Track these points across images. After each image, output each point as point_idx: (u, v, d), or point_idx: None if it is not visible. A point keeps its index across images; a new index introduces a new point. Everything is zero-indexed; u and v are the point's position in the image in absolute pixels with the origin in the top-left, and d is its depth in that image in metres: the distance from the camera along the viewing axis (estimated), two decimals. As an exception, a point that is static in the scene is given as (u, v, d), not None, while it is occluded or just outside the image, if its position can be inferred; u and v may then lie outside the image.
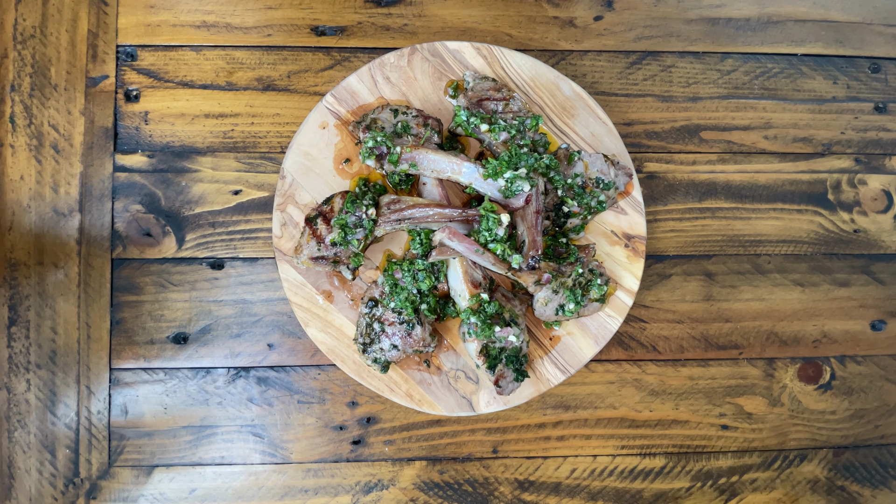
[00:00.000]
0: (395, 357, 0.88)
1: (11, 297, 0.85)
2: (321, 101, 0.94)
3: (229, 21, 0.91)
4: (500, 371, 0.85)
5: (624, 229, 0.96)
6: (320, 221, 0.86)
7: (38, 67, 0.84)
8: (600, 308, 0.92)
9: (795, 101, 0.91)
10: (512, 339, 0.84)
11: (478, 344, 0.84)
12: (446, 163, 0.82)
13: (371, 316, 0.88)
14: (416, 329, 0.86)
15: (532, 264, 0.77)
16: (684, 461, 0.91)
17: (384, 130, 0.86)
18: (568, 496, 0.91)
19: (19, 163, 0.84)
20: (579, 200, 0.87)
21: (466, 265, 0.84)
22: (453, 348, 0.93)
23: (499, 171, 0.78)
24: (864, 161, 0.93)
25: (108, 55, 0.86)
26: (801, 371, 0.90)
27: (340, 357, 0.93)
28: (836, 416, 0.90)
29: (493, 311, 0.83)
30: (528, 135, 0.87)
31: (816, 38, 0.91)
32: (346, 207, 0.84)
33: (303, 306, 0.93)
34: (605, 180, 0.90)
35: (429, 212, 0.82)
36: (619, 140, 0.96)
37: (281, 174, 0.92)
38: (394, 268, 0.87)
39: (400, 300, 0.85)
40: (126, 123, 0.88)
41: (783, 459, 0.89)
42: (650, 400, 0.92)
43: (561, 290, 0.85)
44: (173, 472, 0.85)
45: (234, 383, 0.90)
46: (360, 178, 0.92)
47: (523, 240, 0.79)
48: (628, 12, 0.94)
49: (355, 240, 0.84)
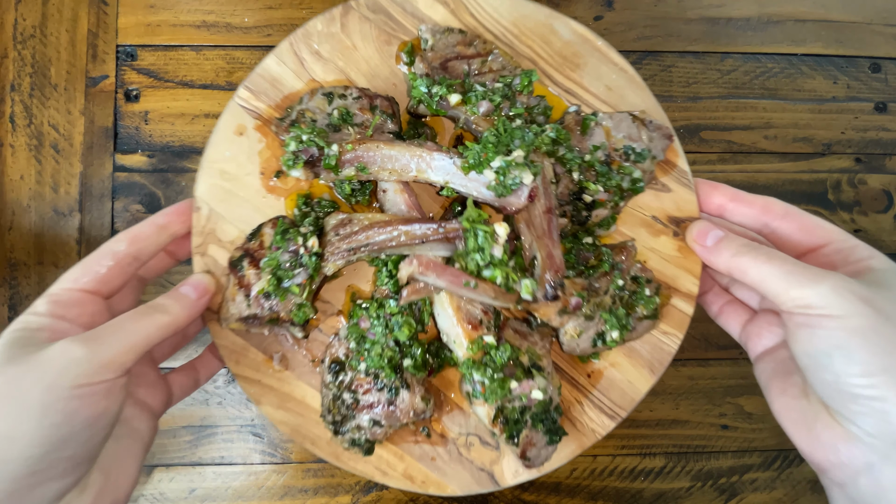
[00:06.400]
0: (380, 435, 0.62)
1: (11, 297, 0.84)
2: (232, 99, 0.67)
3: (229, 21, 0.89)
4: (526, 439, 0.58)
5: (669, 212, 0.67)
6: (247, 265, 0.60)
7: (38, 67, 0.84)
8: (653, 326, 0.65)
9: (795, 101, 0.90)
10: (537, 395, 0.57)
11: (489, 408, 0.57)
12: (407, 157, 0.55)
13: (338, 385, 0.61)
14: (401, 395, 0.59)
15: (552, 291, 0.50)
16: (684, 461, 0.89)
17: (315, 124, 0.59)
18: (568, 496, 0.89)
19: (19, 163, 0.83)
20: (605, 183, 0.59)
21: (457, 297, 0.56)
22: (459, 406, 0.67)
23: (484, 159, 0.50)
24: (864, 161, 0.92)
25: (108, 55, 0.85)
26: None
27: (310, 438, 0.67)
28: None
29: (505, 357, 0.56)
30: (519, 100, 0.58)
31: (816, 38, 0.91)
32: (276, 242, 0.57)
33: (250, 378, 0.66)
34: (637, 148, 0.61)
35: (392, 232, 0.54)
36: (646, 89, 0.67)
37: (194, 206, 0.66)
38: (359, 314, 0.60)
39: (372, 359, 0.58)
40: (126, 123, 0.88)
41: (783, 459, 0.88)
42: (650, 400, 0.90)
43: (597, 314, 0.57)
44: (173, 472, 0.84)
45: (234, 383, 0.87)
46: (299, 195, 0.65)
47: (534, 255, 0.51)
48: (628, 12, 0.92)
49: (295, 286, 0.57)
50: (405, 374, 0.60)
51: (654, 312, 0.62)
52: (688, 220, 0.67)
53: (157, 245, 0.60)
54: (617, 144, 0.61)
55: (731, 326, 0.67)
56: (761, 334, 0.62)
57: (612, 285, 0.57)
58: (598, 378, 0.68)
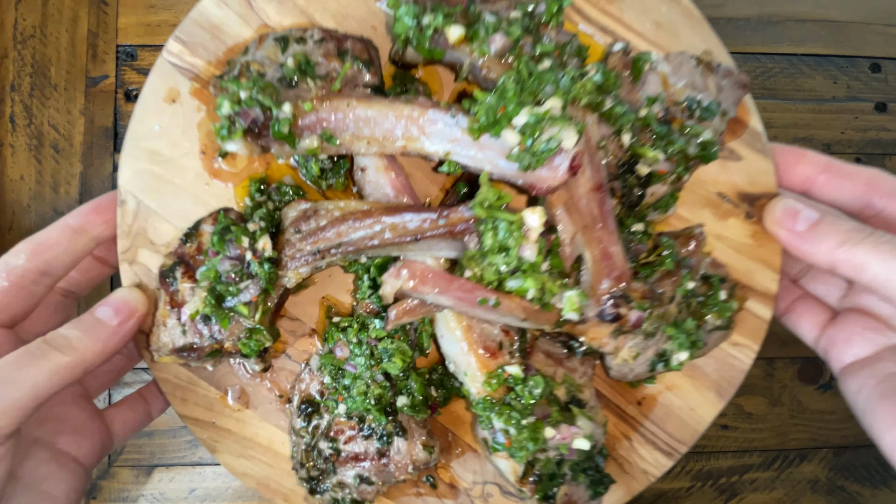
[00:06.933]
0: (371, 494, 0.46)
1: (11, 298, 0.82)
2: (160, 56, 0.50)
3: (230, 20, 0.85)
4: (564, 498, 0.43)
5: (740, 186, 0.51)
6: (180, 276, 0.44)
7: (38, 67, 0.84)
8: (725, 338, 0.49)
9: (795, 101, 0.90)
10: (581, 445, 0.41)
11: (515, 465, 0.41)
12: (391, 119, 0.38)
13: (312, 431, 0.46)
14: (395, 444, 0.44)
15: (611, 309, 0.34)
16: (684, 461, 0.87)
17: (264, 79, 0.42)
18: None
19: (19, 163, 0.84)
20: (667, 148, 0.43)
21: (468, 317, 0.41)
22: (472, 448, 0.51)
23: (503, 115, 0.34)
24: (864, 161, 0.91)
25: (108, 55, 0.85)
26: (801, 371, 0.88)
27: (281, 493, 0.52)
28: (836, 416, 0.88)
29: (537, 395, 0.40)
30: (546, 35, 0.41)
31: (816, 38, 0.91)
32: (213, 245, 0.41)
33: (202, 420, 0.51)
34: (704, 101, 0.45)
35: (373, 226, 0.38)
36: (705, 24, 0.51)
37: (119, 198, 0.50)
38: (335, 338, 0.44)
39: (354, 400, 0.43)
40: (126, 123, 0.86)
41: (783, 459, 0.88)
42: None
43: (660, 331, 0.41)
44: (173, 472, 0.84)
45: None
46: (253, 179, 0.49)
47: (579, 254, 0.35)
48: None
49: (241, 305, 0.41)
50: (400, 417, 0.44)
51: (729, 322, 0.47)
52: (764, 196, 0.51)
53: (73, 254, 0.46)
54: (677, 96, 0.44)
55: (804, 329, 0.52)
56: (850, 340, 0.49)
57: (678, 290, 0.41)
58: (651, 406, 0.52)
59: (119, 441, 0.53)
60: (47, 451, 0.46)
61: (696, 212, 0.51)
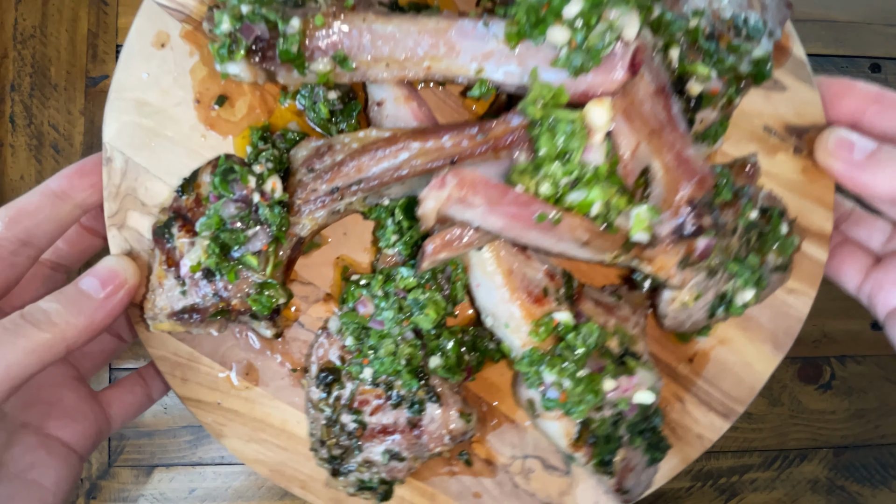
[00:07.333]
0: (402, 472, 0.41)
1: (11, 298, 0.81)
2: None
3: (230, 19, 0.83)
4: (623, 463, 0.38)
5: (786, 118, 0.47)
6: (177, 231, 0.38)
7: (38, 67, 0.83)
8: (783, 281, 0.44)
9: None
10: (643, 399, 0.36)
11: (569, 423, 0.36)
12: (414, 35, 0.34)
13: (333, 403, 0.40)
14: (428, 412, 0.39)
15: (693, 220, 0.29)
16: None
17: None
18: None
19: (19, 163, 0.84)
20: (718, 66, 0.39)
21: (507, 256, 0.36)
22: (509, 419, 0.46)
23: (548, 12, 0.29)
24: None
25: (108, 55, 0.85)
26: (801, 371, 0.88)
27: (298, 480, 0.46)
28: (836, 416, 0.88)
29: (591, 343, 0.35)
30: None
31: (816, 38, 0.90)
32: (217, 188, 0.36)
33: (205, 402, 0.45)
34: (751, 19, 0.41)
35: (399, 154, 0.33)
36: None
37: (104, 157, 0.44)
38: (355, 295, 0.39)
39: (382, 361, 0.38)
40: None
41: (783, 459, 0.88)
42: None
43: (721, 268, 0.37)
44: (173, 472, 0.84)
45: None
46: (254, 128, 0.44)
47: (645, 166, 0.30)
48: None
49: (249, 255, 0.35)
50: (433, 381, 0.39)
51: (788, 261, 0.42)
52: (812, 129, 0.47)
53: (57, 221, 0.42)
54: (723, 12, 0.40)
55: (846, 275, 0.48)
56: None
57: (740, 220, 0.37)
58: (704, 363, 0.47)
59: (117, 425, 0.48)
60: (35, 437, 0.41)
61: (742, 147, 0.46)
